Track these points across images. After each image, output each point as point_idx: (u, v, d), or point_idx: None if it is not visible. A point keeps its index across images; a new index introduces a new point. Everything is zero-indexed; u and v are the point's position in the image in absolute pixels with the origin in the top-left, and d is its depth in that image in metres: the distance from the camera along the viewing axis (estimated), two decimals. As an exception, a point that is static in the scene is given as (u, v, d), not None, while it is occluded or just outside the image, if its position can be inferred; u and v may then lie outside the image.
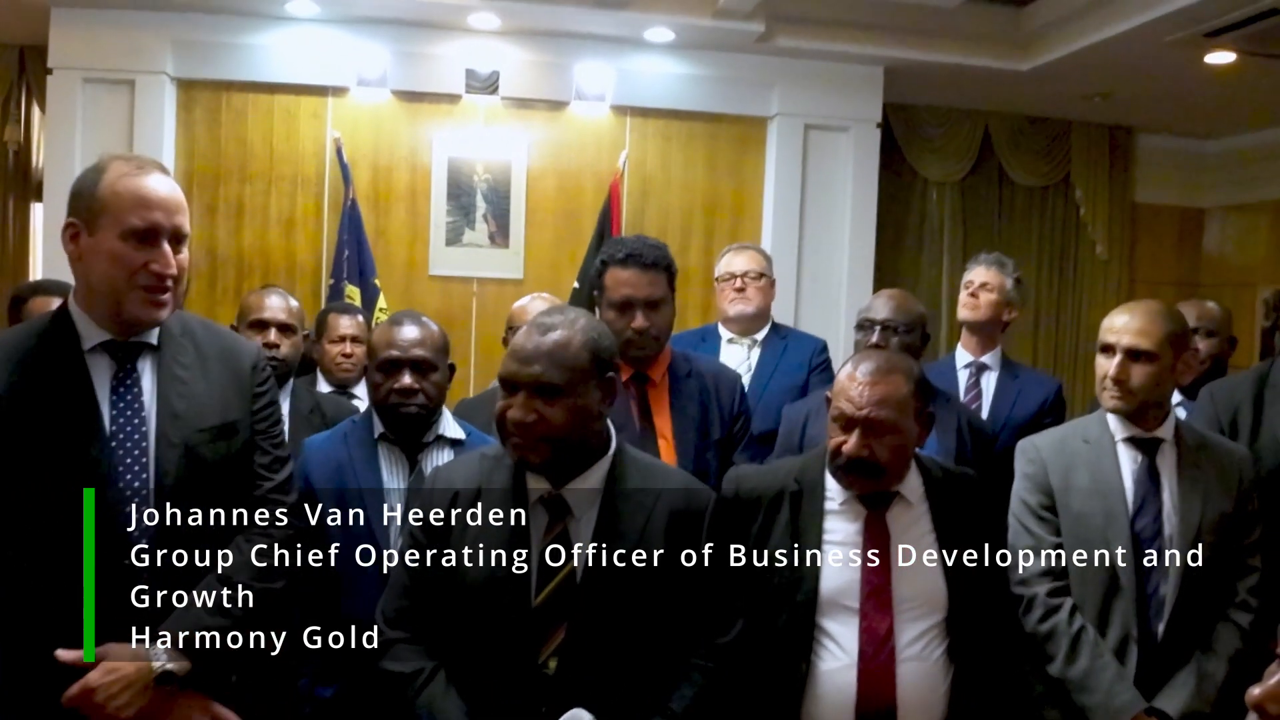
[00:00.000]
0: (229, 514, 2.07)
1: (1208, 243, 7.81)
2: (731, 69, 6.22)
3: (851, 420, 2.28)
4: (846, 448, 2.28)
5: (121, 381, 1.99)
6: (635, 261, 2.83)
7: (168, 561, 1.95)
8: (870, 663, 2.21)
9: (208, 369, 2.09)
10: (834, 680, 2.22)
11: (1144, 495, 2.50)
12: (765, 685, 2.25)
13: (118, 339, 2.00)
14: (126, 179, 1.96)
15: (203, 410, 2.05)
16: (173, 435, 2.00)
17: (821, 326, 5.56)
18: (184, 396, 2.03)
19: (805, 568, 2.28)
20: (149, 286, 1.95)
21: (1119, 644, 2.43)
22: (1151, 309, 2.58)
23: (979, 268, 3.91)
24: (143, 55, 5.72)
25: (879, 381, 2.30)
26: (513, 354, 2.04)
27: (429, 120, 6.15)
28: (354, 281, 5.79)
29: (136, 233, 1.93)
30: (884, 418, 2.27)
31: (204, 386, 2.07)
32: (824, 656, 2.24)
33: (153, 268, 1.94)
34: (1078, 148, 7.33)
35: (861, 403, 2.28)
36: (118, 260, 1.93)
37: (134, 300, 1.95)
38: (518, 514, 2.05)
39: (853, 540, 2.30)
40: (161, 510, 1.95)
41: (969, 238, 7.19)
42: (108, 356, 2.00)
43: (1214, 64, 5.62)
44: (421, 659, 2.05)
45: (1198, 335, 3.58)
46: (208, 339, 2.15)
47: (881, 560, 2.28)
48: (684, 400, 2.87)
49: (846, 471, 2.30)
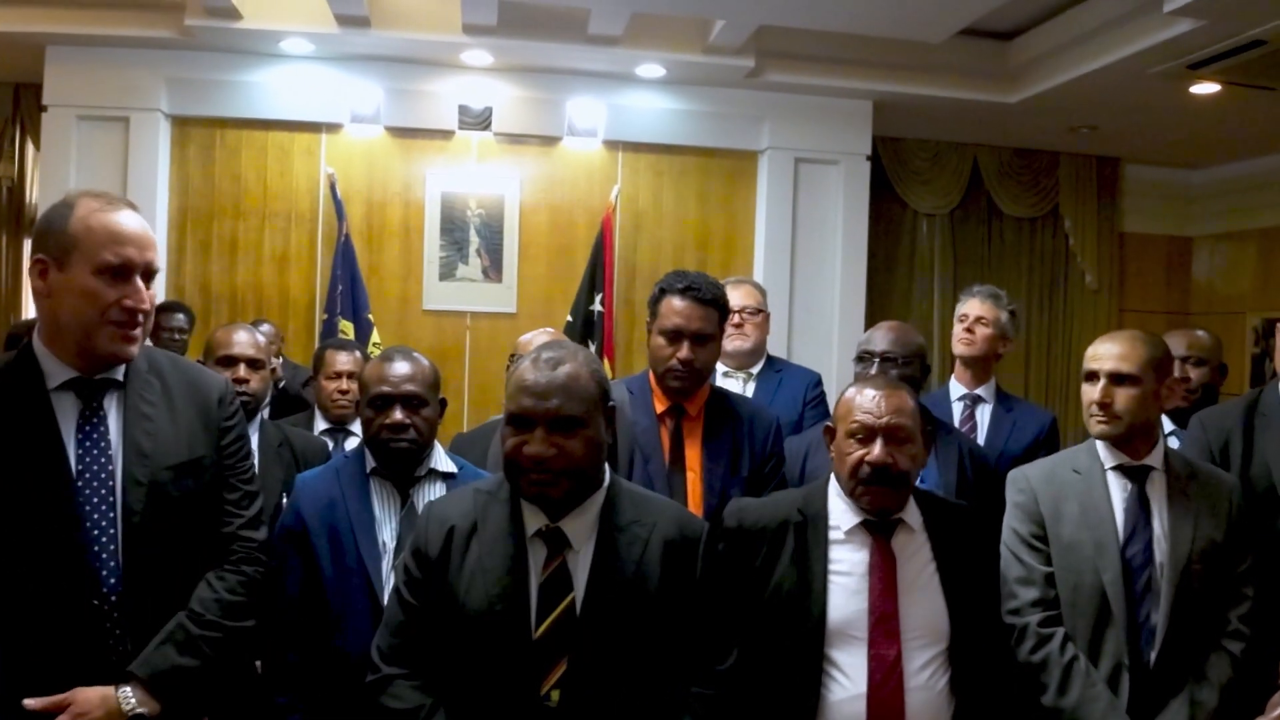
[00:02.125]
0: (196, 552, 2.06)
1: (1196, 271, 7.88)
2: (722, 104, 6.29)
3: (872, 430, 2.30)
4: (872, 456, 2.29)
5: (88, 420, 1.98)
6: (692, 294, 2.87)
7: (137, 601, 1.93)
8: (879, 691, 2.20)
9: (174, 405, 2.08)
10: (843, 711, 2.21)
11: (1134, 523, 2.51)
12: (775, 717, 2.23)
13: (84, 376, 1.98)
14: (98, 214, 1.94)
15: (168, 447, 2.04)
16: (139, 474, 1.98)
17: (815, 358, 5.60)
18: (150, 434, 2.02)
19: (812, 598, 2.28)
20: (120, 322, 1.94)
21: (1111, 673, 2.43)
22: (1133, 336, 2.63)
23: (973, 300, 3.91)
24: (137, 92, 5.78)
25: (891, 394, 2.34)
26: (525, 390, 2.02)
27: (422, 156, 6.20)
28: (347, 317, 5.80)
29: (111, 268, 1.92)
30: (903, 424, 2.31)
31: (169, 423, 2.06)
32: (833, 688, 2.23)
33: (126, 303, 1.94)
34: (1065, 179, 7.41)
35: (880, 412, 2.31)
36: (90, 296, 1.92)
37: (104, 336, 1.94)
38: (517, 548, 2.05)
39: (859, 569, 2.30)
40: (129, 550, 1.94)
41: (960, 269, 7.25)
42: (73, 394, 1.98)
43: (1198, 95, 5.70)
44: (421, 695, 2.03)
45: (1188, 364, 3.60)
46: (174, 374, 2.14)
47: (888, 588, 2.28)
48: (717, 436, 2.88)
49: (871, 483, 2.30)
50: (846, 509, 2.37)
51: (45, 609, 1.86)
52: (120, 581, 1.92)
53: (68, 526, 1.89)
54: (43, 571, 1.86)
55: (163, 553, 1.98)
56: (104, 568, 1.91)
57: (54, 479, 1.90)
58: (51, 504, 1.88)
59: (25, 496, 1.87)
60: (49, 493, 1.89)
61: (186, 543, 2.03)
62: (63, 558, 1.87)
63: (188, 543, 2.04)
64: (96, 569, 1.90)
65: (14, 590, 1.85)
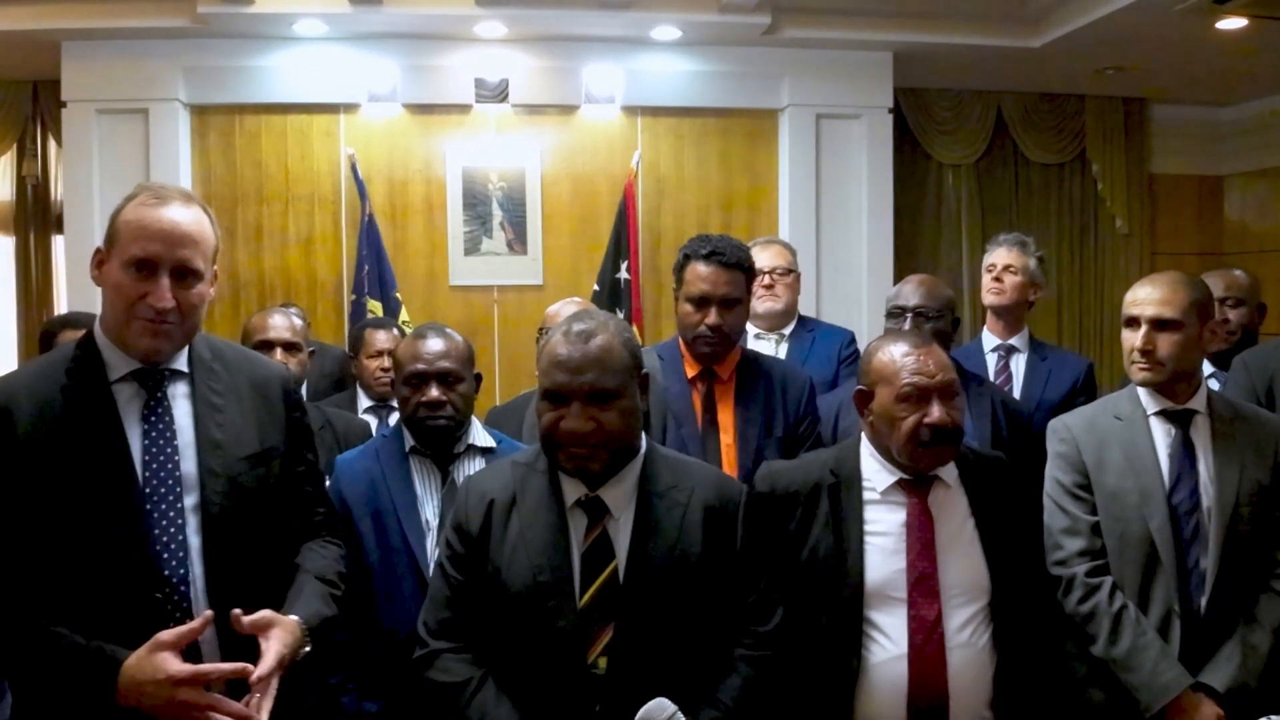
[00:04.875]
0: (273, 541, 2.06)
1: (1229, 210, 7.75)
2: (740, 63, 6.22)
3: (927, 390, 2.25)
4: (933, 418, 2.23)
5: (153, 410, 1.96)
6: (717, 259, 2.85)
7: (220, 593, 1.92)
8: (920, 652, 2.19)
9: (240, 394, 2.07)
10: (885, 672, 2.20)
11: (1180, 468, 2.48)
12: (816, 680, 2.23)
13: (147, 366, 1.97)
14: (140, 207, 1.93)
15: (240, 438, 2.03)
16: (215, 465, 1.97)
17: (844, 316, 5.55)
18: (222, 425, 2.01)
19: (849, 561, 2.27)
20: (145, 318, 1.92)
21: (1161, 620, 2.41)
22: (1173, 279, 2.56)
23: (1000, 250, 3.87)
24: (154, 83, 5.78)
25: (934, 351, 2.31)
26: (559, 365, 2.02)
27: (441, 132, 6.18)
28: (375, 296, 5.82)
29: (135, 262, 1.91)
30: (954, 379, 2.28)
31: (238, 413, 2.05)
32: (874, 649, 2.22)
33: (146, 300, 1.91)
34: (1092, 122, 7.28)
35: (932, 370, 2.26)
36: (119, 289, 1.92)
37: (133, 331, 1.93)
38: (558, 518, 2.06)
39: (895, 529, 2.29)
40: (210, 542, 1.93)
41: (987, 219, 7.16)
42: (136, 385, 1.97)
43: (1225, 30, 5.58)
44: (469, 668, 2.05)
45: (1226, 305, 3.55)
46: (237, 363, 2.13)
47: (926, 547, 2.26)
48: (749, 398, 2.88)
49: (933, 444, 2.25)
50: (880, 468, 2.35)
51: (108, 601, 1.85)
52: (188, 574, 1.90)
53: (131, 519, 1.87)
54: (106, 563, 1.85)
55: (242, 543, 1.97)
56: (173, 558, 1.90)
57: (117, 471, 1.89)
58: (115, 496, 1.87)
59: (88, 489, 1.86)
60: (112, 485, 1.88)
61: (264, 533, 2.02)
62: (126, 550, 1.86)
63: (265, 533, 2.03)
64: (161, 562, 1.88)
65: (77, 581, 1.85)
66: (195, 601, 1.91)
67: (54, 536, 1.84)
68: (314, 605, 2.00)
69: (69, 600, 1.85)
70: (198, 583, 1.92)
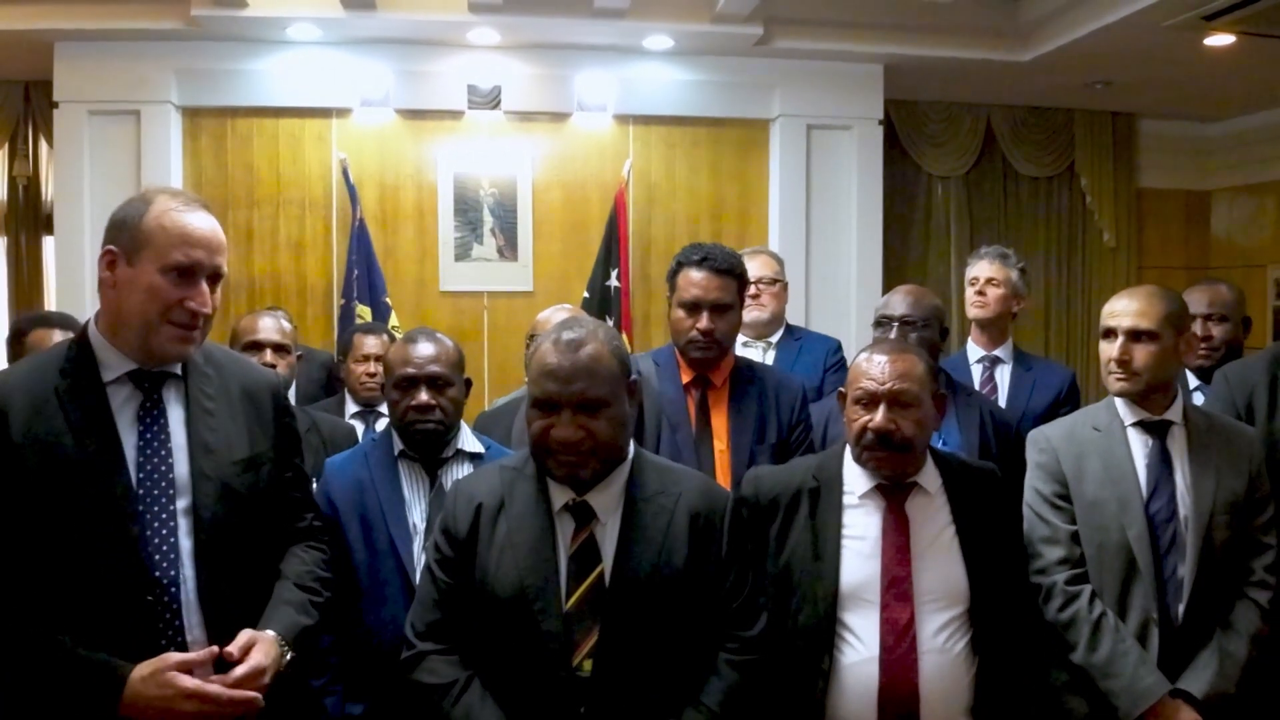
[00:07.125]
0: (263, 546, 2.08)
1: (1215, 225, 7.80)
2: (732, 73, 6.25)
3: (875, 396, 2.30)
4: (873, 423, 2.29)
5: (149, 412, 1.97)
6: (709, 265, 2.89)
7: (213, 597, 1.94)
8: (891, 654, 2.21)
9: (231, 399, 2.09)
10: (856, 673, 2.23)
11: (1157, 478, 2.51)
12: (789, 680, 2.26)
13: (144, 368, 1.98)
14: (173, 213, 1.95)
15: (232, 442, 2.05)
16: (207, 468, 1.99)
17: (833, 325, 5.59)
18: (213, 430, 2.03)
19: (825, 563, 2.29)
20: (180, 323, 1.94)
21: (1140, 628, 2.44)
22: (1150, 291, 2.61)
23: (982, 263, 3.92)
24: (147, 85, 5.79)
25: (898, 359, 2.33)
26: (549, 374, 2.03)
27: (433, 137, 6.20)
28: (365, 301, 5.83)
29: (178, 268, 1.93)
30: (906, 390, 2.30)
31: (229, 418, 2.07)
32: (845, 651, 2.25)
33: (189, 305, 1.94)
34: (1081, 136, 7.34)
35: (884, 378, 2.30)
36: (154, 294, 1.93)
37: (164, 335, 1.94)
38: (545, 522, 2.07)
39: (872, 533, 2.31)
40: (202, 546, 1.94)
41: (976, 231, 7.20)
42: (131, 386, 1.97)
43: (1213, 47, 5.63)
44: (455, 669, 2.07)
45: (1211, 321, 3.58)
46: (228, 366, 2.15)
47: (901, 551, 2.29)
48: (743, 405, 2.91)
49: (874, 448, 2.30)
50: (860, 474, 2.38)
51: (100, 602, 1.85)
52: (179, 576, 1.91)
53: (123, 521, 1.88)
54: (98, 564, 1.85)
55: (233, 547, 1.98)
56: (164, 560, 1.90)
57: (110, 472, 1.89)
58: (108, 497, 1.88)
59: (82, 490, 1.86)
60: (105, 486, 1.88)
61: (254, 537, 2.04)
62: (118, 551, 1.87)
63: (255, 537, 2.04)
64: (153, 564, 1.89)
65: (69, 582, 1.85)
66: (186, 604, 1.92)
67: (46, 536, 1.85)
68: (290, 618, 2.02)
69: (61, 601, 1.85)
70: (189, 585, 1.93)
